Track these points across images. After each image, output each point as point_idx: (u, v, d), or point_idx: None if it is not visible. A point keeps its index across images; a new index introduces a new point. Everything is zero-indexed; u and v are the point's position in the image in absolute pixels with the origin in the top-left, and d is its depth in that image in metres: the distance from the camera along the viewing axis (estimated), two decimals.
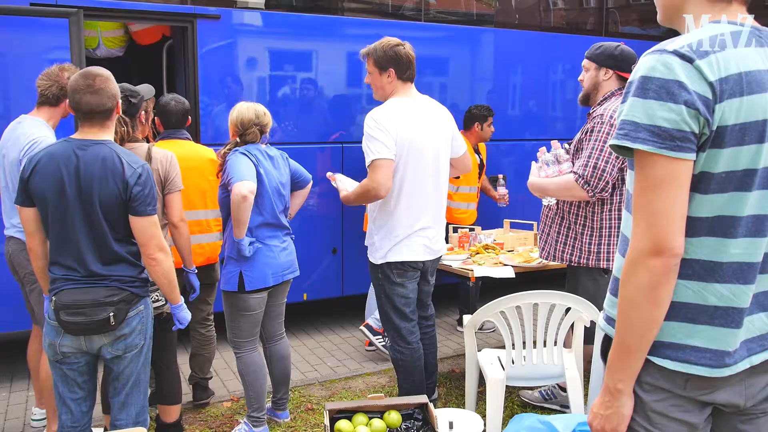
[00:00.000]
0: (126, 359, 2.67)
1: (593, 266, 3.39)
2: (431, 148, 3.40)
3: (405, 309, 3.50)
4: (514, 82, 6.23)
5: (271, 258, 3.45)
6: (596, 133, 3.28)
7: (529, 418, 2.98)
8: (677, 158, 1.37)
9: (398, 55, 3.37)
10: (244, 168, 3.28)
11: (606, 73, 3.40)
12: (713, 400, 1.48)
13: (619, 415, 1.52)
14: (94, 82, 2.55)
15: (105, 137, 2.62)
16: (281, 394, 3.81)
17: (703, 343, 1.44)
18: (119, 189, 2.54)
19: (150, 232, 2.62)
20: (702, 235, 1.43)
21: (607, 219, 3.35)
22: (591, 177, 3.23)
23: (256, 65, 5.08)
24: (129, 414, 2.74)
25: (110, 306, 2.56)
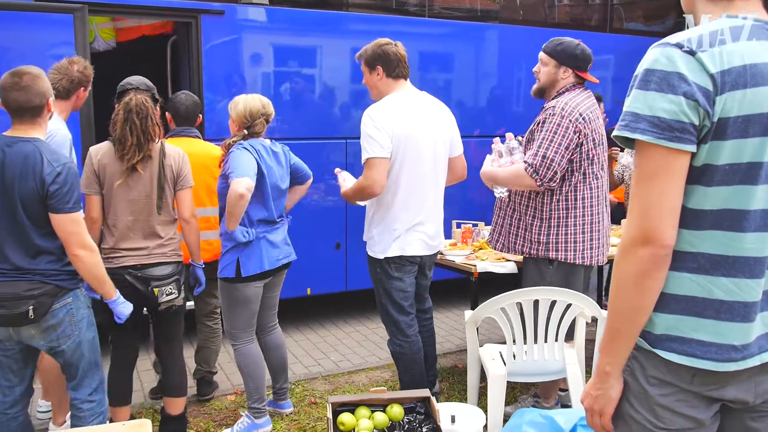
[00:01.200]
0: (65, 351, 2.77)
1: (542, 256, 3.41)
2: (428, 144, 3.42)
3: (403, 303, 3.53)
4: (519, 79, 6.23)
5: (269, 247, 3.49)
6: (547, 124, 3.28)
7: (531, 412, 2.99)
8: (675, 149, 1.38)
9: (385, 53, 3.41)
10: (245, 163, 3.28)
11: (565, 72, 3.39)
12: (721, 396, 1.48)
13: (606, 396, 1.55)
14: (21, 79, 2.63)
15: (35, 134, 2.69)
16: (281, 383, 3.84)
17: (709, 337, 1.45)
18: (37, 186, 2.61)
19: (68, 229, 2.67)
20: (707, 228, 1.44)
21: (556, 210, 3.35)
22: (540, 166, 3.24)
23: (260, 61, 5.09)
24: (82, 393, 2.88)
25: (30, 299, 2.62)
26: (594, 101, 3.43)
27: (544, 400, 3.80)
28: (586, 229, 3.37)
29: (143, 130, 3.10)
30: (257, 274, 3.45)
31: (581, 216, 3.35)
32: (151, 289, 3.12)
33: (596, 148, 3.35)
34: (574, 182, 3.33)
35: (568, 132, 3.24)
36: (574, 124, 3.24)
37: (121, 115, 3.11)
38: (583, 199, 3.35)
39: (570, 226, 3.35)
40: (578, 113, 3.26)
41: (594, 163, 3.35)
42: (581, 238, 3.37)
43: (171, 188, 3.23)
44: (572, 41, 3.41)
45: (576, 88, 3.39)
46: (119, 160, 3.11)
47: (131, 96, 3.14)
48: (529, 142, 3.43)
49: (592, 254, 3.42)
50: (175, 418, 3.41)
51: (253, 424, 3.60)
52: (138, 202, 3.16)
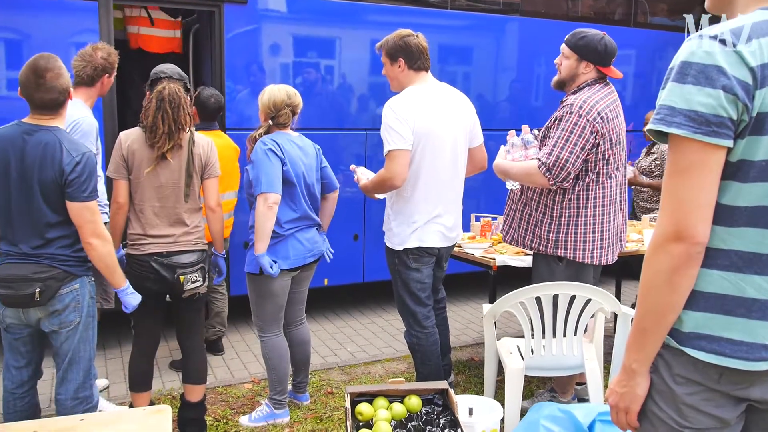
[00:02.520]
0: (62, 335, 2.80)
1: (551, 254, 3.38)
2: (449, 136, 3.42)
3: (420, 294, 3.54)
4: (539, 72, 6.18)
5: (297, 244, 3.51)
6: (564, 122, 3.23)
7: (549, 406, 2.98)
8: (711, 144, 1.35)
9: (408, 45, 3.40)
10: (269, 171, 3.32)
11: (587, 67, 3.32)
12: (748, 396, 1.45)
13: (632, 394, 1.54)
14: (45, 79, 2.67)
15: (54, 123, 2.74)
16: (301, 377, 3.87)
17: (740, 336, 1.42)
18: (56, 174, 2.66)
19: (84, 217, 2.72)
20: (741, 225, 1.41)
21: (567, 208, 3.31)
22: (553, 166, 3.19)
23: (281, 50, 5.10)
24: (67, 389, 2.87)
25: (37, 282, 2.67)
26: (616, 98, 3.36)
27: (560, 394, 3.79)
28: (597, 228, 3.33)
29: (175, 119, 3.12)
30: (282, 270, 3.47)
31: (592, 216, 3.31)
32: (177, 276, 3.14)
33: (613, 148, 3.29)
34: (588, 182, 3.29)
35: (584, 132, 3.18)
36: (591, 124, 3.19)
37: (153, 104, 3.12)
38: (595, 198, 3.31)
39: (580, 225, 3.32)
40: (596, 112, 3.20)
41: (609, 163, 3.30)
42: (591, 237, 3.33)
43: (198, 177, 3.25)
44: (596, 35, 3.31)
45: (597, 84, 3.34)
46: (149, 147, 3.13)
47: (164, 85, 3.15)
48: (545, 138, 3.38)
49: (601, 254, 3.38)
50: (194, 405, 3.43)
51: (272, 413, 3.65)
52: (165, 189, 3.18)
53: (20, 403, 2.88)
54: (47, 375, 4.30)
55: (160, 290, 3.22)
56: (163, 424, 2.55)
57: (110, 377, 4.33)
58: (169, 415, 2.61)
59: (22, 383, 2.88)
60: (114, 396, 4.04)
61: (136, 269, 3.18)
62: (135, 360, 3.38)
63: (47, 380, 4.23)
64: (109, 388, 4.17)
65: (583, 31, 3.36)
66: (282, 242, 3.46)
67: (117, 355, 4.72)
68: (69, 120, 3.29)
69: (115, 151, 3.19)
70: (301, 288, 3.76)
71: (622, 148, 3.39)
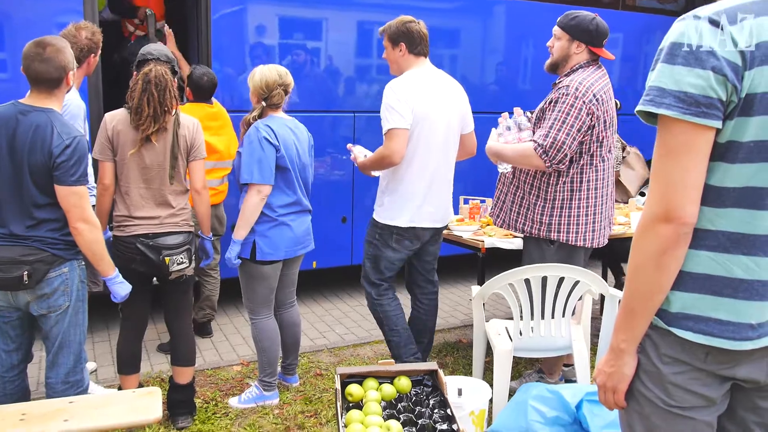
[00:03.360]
0: (51, 319, 2.78)
1: (544, 237, 3.41)
2: (443, 121, 3.51)
3: (386, 273, 3.67)
4: (527, 56, 6.17)
5: (287, 232, 3.49)
6: (560, 104, 3.23)
7: (537, 387, 3.01)
8: (701, 125, 1.36)
9: (410, 31, 3.49)
10: (263, 162, 3.31)
11: (578, 47, 3.33)
12: (733, 375, 1.47)
13: (620, 373, 1.55)
14: (44, 51, 2.65)
15: (50, 105, 2.71)
16: (290, 359, 3.89)
17: (727, 316, 1.44)
18: (45, 157, 2.63)
19: (71, 201, 2.69)
20: (729, 206, 1.42)
21: (561, 191, 3.33)
22: (550, 148, 3.19)
23: (269, 31, 5.05)
24: (58, 373, 2.85)
25: (25, 265, 2.65)
26: (608, 81, 3.37)
27: (548, 375, 3.83)
28: (589, 211, 3.35)
29: (160, 102, 3.09)
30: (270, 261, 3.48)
31: (585, 198, 3.33)
32: (163, 258, 3.13)
33: (606, 131, 3.31)
34: (582, 164, 3.30)
35: (581, 114, 3.19)
36: (587, 106, 3.19)
37: (139, 85, 3.09)
38: (588, 181, 3.33)
39: (573, 209, 3.33)
40: (592, 94, 3.21)
41: (603, 145, 3.32)
42: (584, 220, 3.35)
43: (184, 158, 3.23)
44: (587, 15, 3.32)
45: (590, 66, 3.34)
46: (134, 129, 3.11)
47: (151, 67, 3.12)
48: (540, 120, 3.38)
49: (594, 236, 3.41)
50: (183, 387, 3.43)
51: (262, 395, 3.66)
52: (151, 171, 3.15)
53: (10, 387, 2.87)
54: (35, 358, 4.29)
55: (146, 272, 3.21)
56: (153, 405, 2.56)
57: (98, 360, 4.32)
58: (158, 397, 2.62)
59: (12, 367, 2.86)
60: (102, 379, 4.03)
61: (122, 251, 3.16)
62: (123, 343, 3.38)
63: (35, 363, 4.21)
64: (97, 371, 4.16)
65: (575, 12, 3.38)
66: (275, 228, 3.45)
67: (104, 339, 4.70)
68: None
69: (100, 133, 3.16)
70: (292, 270, 3.77)
71: (613, 131, 3.40)
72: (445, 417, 2.56)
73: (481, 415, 3.13)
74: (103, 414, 2.47)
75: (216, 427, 3.43)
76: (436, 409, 2.63)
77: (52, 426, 2.36)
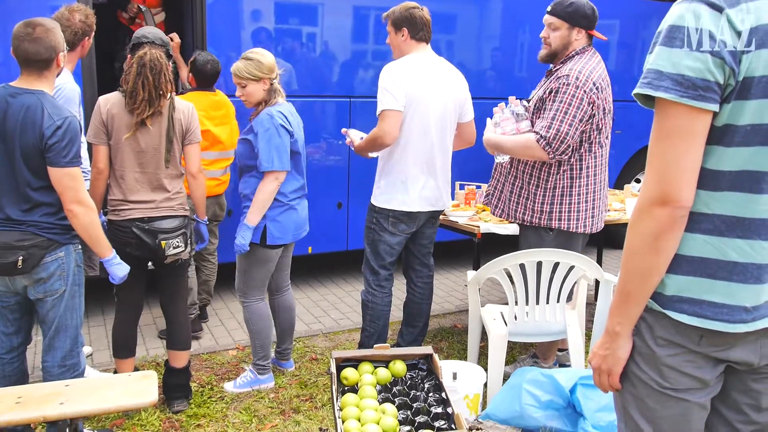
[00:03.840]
0: (48, 303, 2.77)
1: (544, 225, 3.42)
2: (439, 106, 3.52)
3: (386, 257, 3.67)
4: (523, 41, 6.14)
5: (295, 216, 3.54)
6: (561, 95, 3.21)
7: (532, 371, 3.04)
8: (698, 108, 1.35)
9: (412, 17, 3.52)
10: (281, 149, 3.32)
11: (579, 33, 3.31)
12: (727, 358, 1.48)
13: (615, 356, 1.56)
14: (34, 30, 2.62)
15: (40, 87, 2.68)
16: (286, 344, 3.89)
17: (721, 299, 1.44)
18: (36, 139, 2.61)
19: (65, 183, 2.66)
20: (725, 190, 1.42)
21: (561, 180, 3.34)
22: (553, 139, 3.18)
23: (265, 16, 5.01)
24: (54, 357, 2.85)
25: (20, 250, 2.64)
26: (604, 66, 3.36)
27: (542, 360, 3.85)
28: (589, 198, 3.37)
29: (155, 85, 3.07)
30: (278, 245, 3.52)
31: (585, 185, 3.35)
32: (158, 241, 3.12)
33: (605, 118, 3.32)
34: (581, 152, 3.31)
35: (582, 104, 3.18)
36: (588, 96, 3.18)
37: (134, 69, 3.07)
38: (587, 168, 3.34)
39: (574, 196, 3.35)
40: (592, 83, 3.21)
41: (602, 132, 3.33)
42: (584, 207, 3.37)
43: (179, 142, 3.21)
44: (582, 0, 3.30)
45: (587, 51, 3.33)
46: (129, 113, 3.09)
47: (146, 50, 3.09)
48: (539, 110, 3.36)
49: (593, 222, 3.43)
50: (179, 371, 3.44)
51: (257, 379, 3.67)
52: (146, 155, 3.14)
53: (9, 368, 2.87)
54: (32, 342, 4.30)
55: (141, 256, 3.20)
56: (150, 389, 2.58)
57: (94, 345, 4.32)
58: (155, 381, 2.64)
59: (12, 349, 2.86)
60: (98, 363, 4.04)
61: (117, 235, 3.15)
62: (118, 327, 3.38)
63: (31, 347, 4.22)
64: (92, 355, 4.17)
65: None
66: (287, 212, 3.49)
67: (100, 323, 4.71)
68: None
69: (94, 116, 3.14)
70: (288, 253, 3.78)
71: (611, 117, 3.41)
72: (439, 400, 2.58)
73: (476, 399, 3.16)
74: (99, 397, 2.49)
75: (212, 410, 3.44)
76: (431, 393, 2.64)
77: (48, 409, 2.37)
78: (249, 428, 3.29)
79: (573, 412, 2.94)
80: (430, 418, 2.45)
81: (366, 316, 3.78)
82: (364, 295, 3.78)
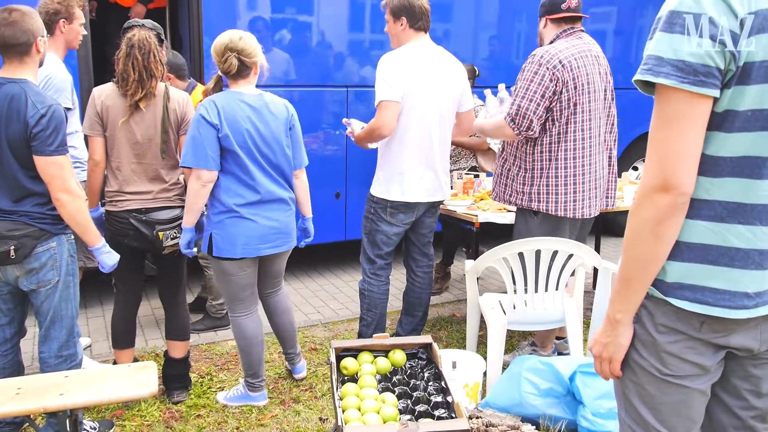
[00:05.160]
0: (41, 294, 2.76)
1: (526, 207, 3.44)
2: (438, 97, 3.52)
3: (383, 247, 3.68)
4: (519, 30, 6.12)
5: (244, 227, 3.08)
6: (524, 72, 3.31)
7: (531, 359, 3.05)
8: (698, 94, 1.35)
9: (411, 5, 3.51)
10: (198, 144, 2.96)
11: (543, 22, 3.46)
12: (728, 344, 1.49)
13: (616, 343, 1.56)
14: (10, 15, 2.60)
15: (23, 75, 2.66)
16: (287, 348, 3.63)
17: (723, 285, 1.44)
18: (21, 128, 2.59)
19: (51, 172, 2.64)
20: (725, 176, 1.42)
21: (539, 160, 3.37)
22: (516, 115, 3.26)
23: (261, 5, 4.98)
24: (50, 347, 2.84)
25: (11, 240, 2.62)
26: (591, 49, 3.37)
27: (541, 348, 3.86)
28: (568, 181, 3.35)
29: (145, 66, 3.05)
30: (229, 258, 3.13)
31: (563, 168, 3.34)
32: (156, 233, 3.11)
33: (580, 97, 3.28)
34: (556, 132, 3.31)
35: (543, 80, 3.23)
36: (551, 72, 3.23)
37: (123, 50, 3.07)
38: (566, 150, 3.33)
39: (551, 177, 3.35)
40: (557, 60, 3.24)
41: (578, 112, 3.30)
42: (563, 190, 3.36)
43: (175, 132, 3.20)
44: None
45: (569, 35, 3.39)
46: (123, 97, 3.07)
47: (134, 32, 3.09)
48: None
49: (575, 207, 3.39)
50: (179, 362, 3.44)
51: (246, 395, 3.42)
52: (142, 146, 3.13)
53: (3, 361, 2.86)
54: (29, 333, 4.29)
55: (139, 247, 3.19)
56: (149, 380, 2.57)
57: (92, 336, 4.32)
58: (154, 371, 2.63)
59: (5, 340, 2.86)
60: (97, 354, 4.04)
61: (115, 226, 3.15)
62: (117, 317, 3.37)
63: (29, 338, 4.21)
64: (91, 346, 4.17)
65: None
66: (230, 220, 3.07)
67: (98, 314, 4.70)
68: (40, 76, 3.21)
69: (89, 108, 3.12)
70: (274, 266, 3.40)
71: (596, 99, 3.36)
72: (439, 389, 2.58)
73: (475, 387, 3.16)
74: (99, 388, 2.48)
75: (211, 401, 3.44)
76: (430, 382, 2.64)
77: (48, 400, 2.36)
78: (249, 418, 3.29)
79: (572, 400, 2.95)
80: (430, 407, 2.45)
81: (363, 305, 3.79)
82: (361, 284, 3.79)
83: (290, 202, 3.24)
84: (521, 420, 2.98)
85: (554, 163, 3.34)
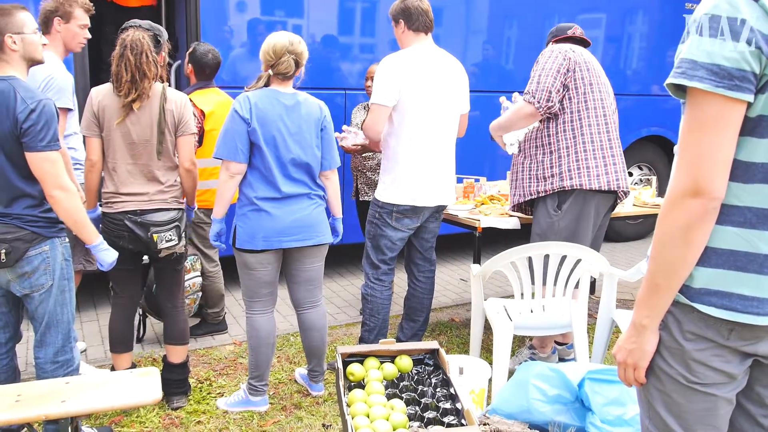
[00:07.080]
0: (35, 299, 2.70)
1: (557, 188, 3.45)
2: (438, 98, 3.50)
3: (387, 252, 3.67)
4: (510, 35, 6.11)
5: (266, 219, 3.13)
6: (538, 63, 3.46)
7: (539, 365, 3.01)
8: (733, 98, 1.33)
9: (407, 8, 3.52)
10: (229, 136, 3.06)
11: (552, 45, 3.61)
12: (755, 351, 1.46)
13: (642, 350, 1.54)
14: None
15: (12, 73, 2.60)
16: (312, 365, 3.53)
17: (751, 292, 1.42)
18: (11, 124, 2.53)
19: (43, 168, 2.58)
20: (757, 182, 1.40)
21: (563, 139, 3.44)
22: (536, 91, 3.37)
23: (260, 7, 4.94)
24: (47, 353, 2.78)
25: (3, 243, 2.57)
26: (592, 57, 3.56)
27: (540, 350, 3.84)
28: (597, 154, 3.43)
29: (137, 66, 3.00)
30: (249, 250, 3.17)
31: (590, 141, 3.41)
32: (151, 235, 3.06)
33: (594, 78, 3.45)
34: (576, 108, 3.40)
35: (558, 58, 3.39)
36: (563, 54, 3.40)
37: (117, 51, 3.04)
38: (590, 126, 3.42)
39: (580, 152, 3.41)
40: (568, 47, 3.44)
41: (594, 90, 3.43)
42: (593, 163, 3.42)
43: (171, 134, 3.14)
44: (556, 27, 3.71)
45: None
46: (117, 98, 3.04)
47: (129, 32, 3.05)
48: None
49: (608, 179, 3.45)
50: (177, 366, 3.38)
51: (247, 399, 3.36)
52: (138, 147, 3.08)
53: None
54: (23, 338, 4.22)
55: (135, 249, 3.14)
56: (152, 386, 2.52)
57: (87, 340, 4.25)
58: (157, 378, 2.58)
59: (0, 345, 2.80)
60: (92, 359, 3.97)
61: (110, 227, 3.10)
62: (115, 321, 3.31)
63: (22, 343, 4.14)
64: (86, 351, 4.10)
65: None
66: (253, 213, 3.13)
67: (93, 318, 4.63)
68: (41, 76, 3.18)
69: (86, 108, 3.08)
70: (306, 266, 3.35)
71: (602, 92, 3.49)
72: (447, 396, 2.54)
73: (481, 393, 3.13)
74: (101, 395, 2.42)
75: (211, 407, 3.39)
76: (438, 388, 2.60)
77: (49, 407, 2.30)
78: (251, 425, 3.23)
79: (581, 407, 2.91)
80: (439, 413, 2.41)
81: (366, 310, 3.75)
82: (364, 289, 3.75)
83: (315, 197, 3.25)
84: (529, 427, 2.94)
85: (580, 138, 3.42)
